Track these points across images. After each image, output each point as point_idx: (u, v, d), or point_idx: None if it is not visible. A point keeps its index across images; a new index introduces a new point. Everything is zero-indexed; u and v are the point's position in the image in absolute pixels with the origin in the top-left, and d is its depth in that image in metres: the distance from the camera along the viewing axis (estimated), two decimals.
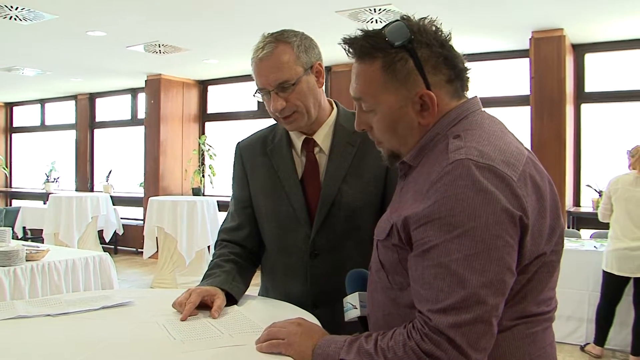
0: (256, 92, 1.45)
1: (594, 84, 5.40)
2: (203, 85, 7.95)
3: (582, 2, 4.15)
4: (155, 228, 5.97)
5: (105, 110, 8.92)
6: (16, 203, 9.44)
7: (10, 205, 9.47)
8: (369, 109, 1.07)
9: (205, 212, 6.04)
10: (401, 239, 0.99)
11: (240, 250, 1.57)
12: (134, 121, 8.46)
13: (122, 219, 7.81)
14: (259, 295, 1.62)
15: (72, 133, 9.16)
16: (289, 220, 1.49)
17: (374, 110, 1.06)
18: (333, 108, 1.55)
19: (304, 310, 1.37)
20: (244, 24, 4.81)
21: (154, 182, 7.49)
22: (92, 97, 8.92)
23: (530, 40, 5.03)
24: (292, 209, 1.48)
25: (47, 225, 6.71)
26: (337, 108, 1.56)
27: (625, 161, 3.90)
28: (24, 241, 4.77)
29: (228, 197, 7.22)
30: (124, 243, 8.07)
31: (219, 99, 7.95)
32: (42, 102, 9.66)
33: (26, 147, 10.11)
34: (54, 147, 9.52)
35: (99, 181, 8.78)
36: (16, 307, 1.38)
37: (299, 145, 1.52)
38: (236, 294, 1.43)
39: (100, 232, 7.31)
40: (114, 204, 7.56)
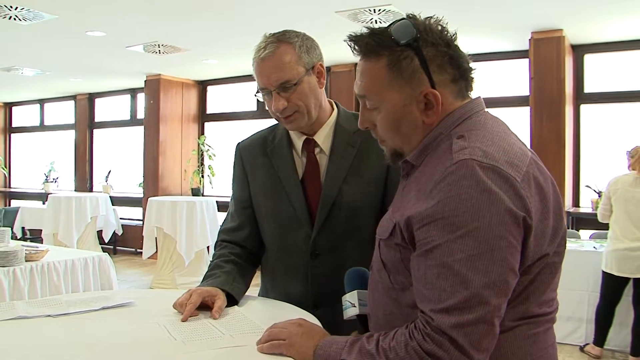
0: (257, 91, 1.45)
1: (593, 85, 5.41)
2: (202, 86, 7.95)
3: (581, 2, 4.15)
4: (155, 228, 5.97)
5: (104, 110, 8.91)
6: (15, 203, 9.44)
7: (9, 206, 9.46)
8: (373, 106, 1.07)
9: (205, 212, 6.04)
10: (404, 239, 0.99)
11: (241, 251, 1.57)
12: (133, 121, 8.46)
13: (121, 219, 7.81)
14: (259, 296, 1.62)
15: (71, 133, 9.15)
16: (290, 221, 1.49)
17: (378, 108, 1.06)
18: (333, 109, 1.56)
19: (305, 310, 1.37)
20: (243, 24, 4.81)
21: (153, 182, 7.49)
22: (92, 97, 8.91)
23: (530, 40, 5.03)
24: (293, 209, 1.48)
25: (46, 226, 6.70)
26: (338, 109, 1.56)
27: (624, 162, 3.91)
28: (23, 241, 4.76)
29: (227, 198, 7.22)
30: (123, 243, 8.07)
31: (218, 99, 7.94)
32: (42, 102, 9.65)
33: (25, 147, 10.10)
34: (53, 147, 9.51)
35: (98, 181, 8.77)
36: (16, 308, 1.38)
37: (299, 145, 1.52)
38: (237, 295, 1.43)
39: (100, 233, 7.30)
40: (113, 204, 7.56)
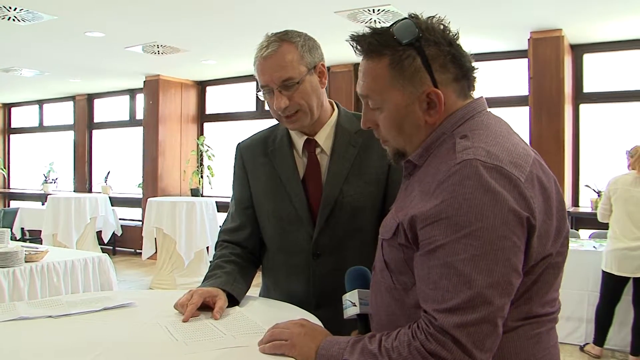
0: (259, 90, 1.45)
1: (592, 84, 5.41)
2: (201, 86, 7.95)
3: (580, 2, 4.15)
4: (154, 229, 5.97)
5: (103, 111, 8.90)
6: (14, 204, 9.43)
7: (9, 206, 9.46)
8: (375, 106, 1.07)
9: (204, 212, 6.04)
10: (407, 238, 0.99)
11: (241, 251, 1.57)
12: (132, 122, 8.45)
13: (120, 219, 7.80)
14: (259, 296, 1.62)
15: (70, 134, 9.14)
16: (291, 221, 1.49)
17: (381, 108, 1.06)
18: (334, 109, 1.56)
19: (306, 310, 1.37)
20: (242, 25, 4.80)
21: (152, 183, 7.48)
22: (91, 98, 8.90)
23: (529, 40, 5.03)
24: (294, 209, 1.48)
25: (45, 226, 6.70)
26: (338, 109, 1.56)
27: (624, 161, 3.91)
28: (23, 242, 4.75)
29: (227, 198, 7.20)
30: (123, 244, 8.06)
31: (217, 100, 7.94)
32: (40, 102, 9.64)
33: (24, 148, 10.09)
34: (52, 148, 9.50)
35: (97, 182, 8.76)
36: (17, 309, 1.37)
37: (300, 145, 1.52)
38: (238, 295, 1.43)
39: (99, 233, 7.30)
40: (112, 205, 7.56)
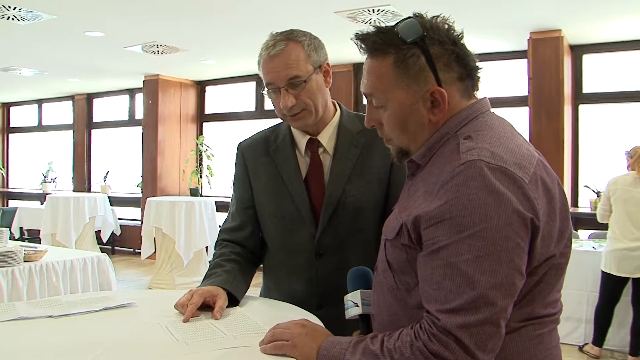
0: (264, 89, 1.45)
1: (591, 85, 5.41)
2: (201, 86, 7.94)
3: (580, 3, 4.15)
4: (153, 229, 5.96)
5: (102, 110, 8.89)
6: (13, 203, 9.41)
7: (7, 206, 9.44)
8: (379, 104, 1.07)
9: (203, 212, 6.03)
10: (411, 239, 0.99)
11: (241, 250, 1.57)
12: (131, 122, 8.45)
13: (119, 219, 7.79)
14: (260, 296, 1.62)
15: (69, 133, 9.13)
16: (293, 221, 1.49)
17: (385, 106, 1.06)
18: (336, 109, 1.56)
19: (308, 310, 1.37)
20: (242, 25, 4.80)
21: (151, 182, 7.47)
22: (90, 98, 8.89)
23: (528, 41, 5.03)
24: (296, 209, 1.48)
25: (44, 226, 6.69)
26: (341, 109, 1.57)
27: (623, 162, 3.91)
28: (21, 242, 4.75)
29: (226, 198, 7.21)
30: (122, 243, 8.05)
31: (216, 100, 7.93)
32: (39, 102, 9.63)
33: (23, 148, 10.08)
34: (51, 147, 9.49)
35: (96, 182, 8.75)
36: (17, 309, 1.37)
37: (302, 145, 1.52)
38: (238, 294, 1.42)
39: (98, 233, 7.29)
40: (111, 205, 7.55)
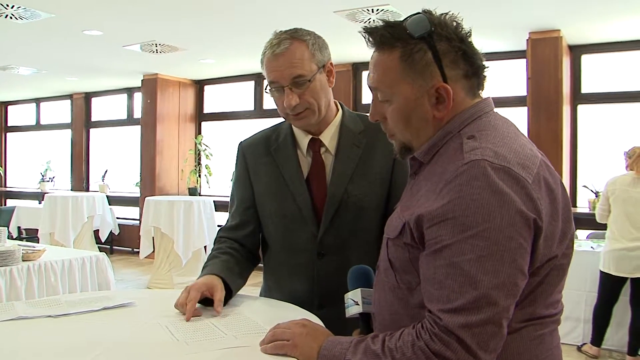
0: (267, 87, 1.45)
1: (590, 85, 5.42)
2: (199, 85, 7.93)
3: (579, 3, 4.16)
4: (152, 228, 5.95)
5: (101, 109, 8.88)
6: (11, 202, 9.39)
7: (5, 205, 9.41)
8: (384, 98, 1.07)
9: (202, 212, 6.03)
10: (414, 238, 0.99)
11: (239, 247, 1.57)
12: (130, 121, 8.43)
13: (118, 218, 7.78)
14: (260, 296, 1.62)
15: (67, 132, 9.11)
16: (295, 220, 1.49)
17: (390, 100, 1.06)
18: (338, 109, 1.56)
19: (309, 310, 1.37)
20: (241, 24, 4.80)
21: (150, 182, 7.47)
22: (88, 97, 8.88)
23: (527, 41, 5.03)
24: (298, 209, 1.48)
25: (42, 225, 6.68)
26: (342, 109, 1.56)
27: (621, 162, 3.91)
28: (19, 241, 4.74)
29: (224, 197, 7.18)
30: (120, 243, 8.04)
31: (215, 99, 7.93)
32: (37, 101, 9.60)
33: (21, 147, 10.05)
34: (49, 146, 9.47)
35: (94, 181, 8.74)
36: (16, 308, 1.37)
37: (304, 145, 1.52)
38: (232, 283, 1.41)
39: (96, 232, 7.28)
40: (109, 204, 7.54)
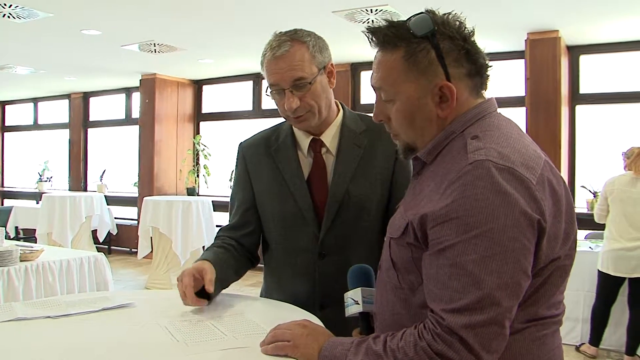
0: (267, 89, 1.44)
1: (588, 86, 5.42)
2: (198, 85, 7.92)
3: (577, 4, 4.16)
4: (150, 228, 5.95)
5: (99, 109, 8.86)
6: (8, 202, 9.36)
7: (2, 205, 9.39)
8: (388, 98, 1.07)
9: (200, 212, 6.02)
10: (417, 238, 0.99)
11: (237, 245, 1.56)
12: (128, 121, 8.42)
13: (116, 218, 7.77)
14: (260, 296, 1.62)
15: (65, 132, 9.09)
16: (296, 221, 1.48)
17: (393, 100, 1.06)
18: (339, 109, 1.55)
19: (310, 311, 1.36)
20: (239, 24, 4.79)
21: (148, 182, 7.45)
22: (86, 96, 8.86)
23: (526, 41, 5.04)
24: (299, 210, 1.47)
25: (40, 225, 6.66)
26: (343, 109, 1.56)
27: (619, 162, 3.92)
28: (17, 241, 4.72)
29: (223, 197, 7.16)
30: (118, 243, 8.03)
31: (213, 99, 7.92)
32: (35, 100, 9.58)
33: (18, 146, 10.03)
34: (47, 146, 9.44)
35: (92, 181, 8.72)
36: (14, 309, 1.36)
37: (305, 145, 1.51)
38: (220, 270, 1.39)
39: (94, 232, 7.27)
40: (108, 204, 7.52)
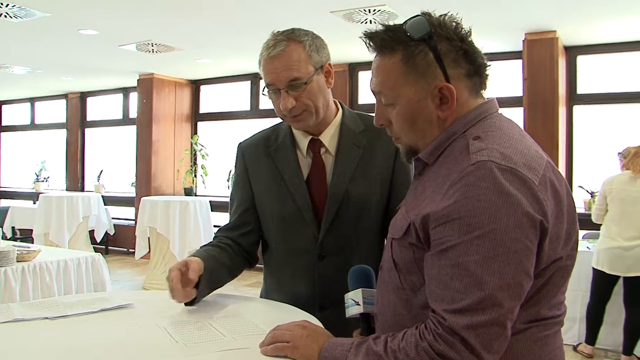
0: (264, 89, 1.43)
1: (586, 86, 5.43)
2: (195, 85, 7.91)
3: (575, 4, 4.17)
4: (147, 228, 5.93)
5: (96, 109, 8.83)
6: (5, 203, 9.33)
7: None
8: (388, 102, 1.07)
9: (198, 212, 6.01)
10: (419, 238, 0.98)
11: (234, 244, 1.55)
12: (125, 121, 8.39)
13: (113, 219, 7.74)
14: (260, 297, 1.61)
15: (62, 132, 9.06)
16: (295, 222, 1.47)
17: (394, 104, 1.06)
18: (338, 109, 1.55)
19: (310, 312, 1.36)
20: (237, 24, 4.78)
21: (145, 182, 7.44)
22: (83, 96, 8.83)
23: (523, 42, 5.04)
24: (298, 210, 1.47)
25: (37, 226, 6.64)
26: (342, 109, 1.55)
27: (617, 163, 3.93)
28: (14, 241, 4.71)
29: (220, 197, 7.14)
30: (115, 243, 8.01)
31: (211, 99, 7.91)
32: (32, 100, 9.55)
33: (15, 146, 10.00)
34: (44, 146, 9.41)
35: (90, 181, 8.70)
36: (12, 310, 1.35)
37: (304, 145, 1.50)
38: (209, 267, 1.39)
39: (92, 232, 7.25)
40: (105, 204, 7.51)
